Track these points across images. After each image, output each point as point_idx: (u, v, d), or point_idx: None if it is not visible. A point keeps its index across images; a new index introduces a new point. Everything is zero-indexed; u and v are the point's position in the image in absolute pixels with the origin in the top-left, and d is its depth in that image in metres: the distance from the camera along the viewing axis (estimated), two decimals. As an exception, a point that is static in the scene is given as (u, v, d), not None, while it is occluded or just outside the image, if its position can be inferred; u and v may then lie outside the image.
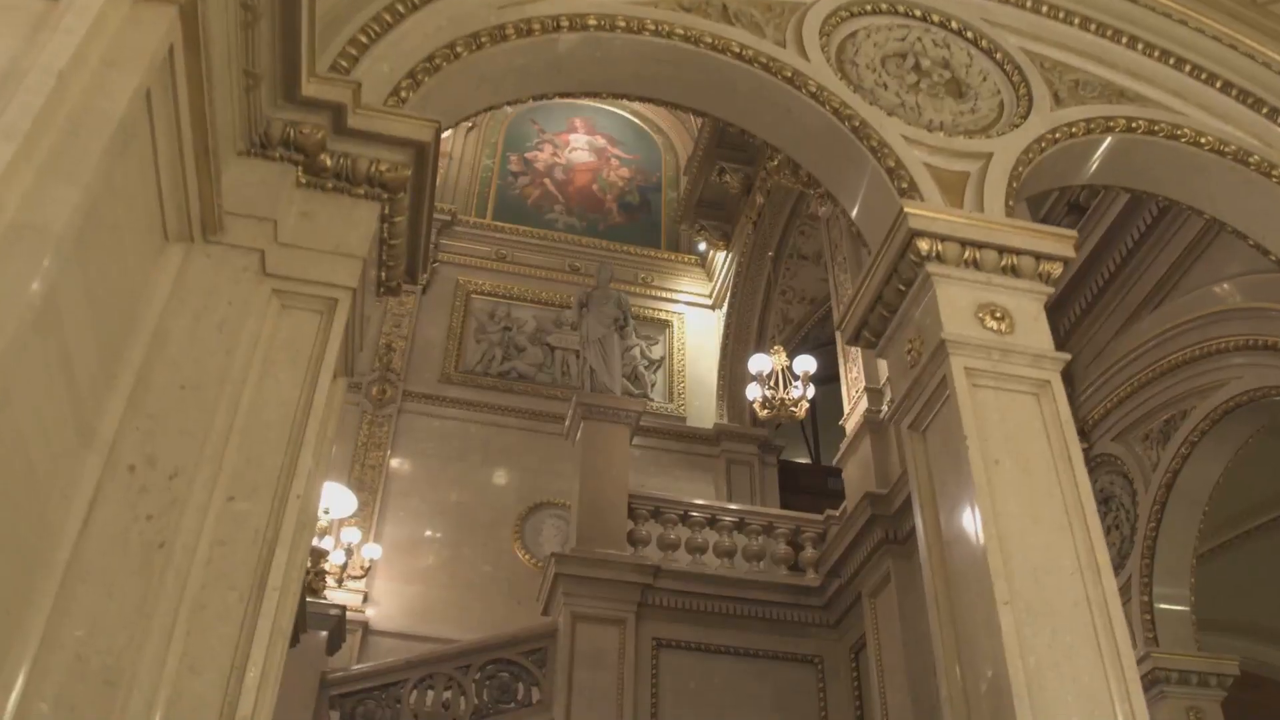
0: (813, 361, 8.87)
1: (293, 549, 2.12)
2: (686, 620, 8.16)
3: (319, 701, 7.30)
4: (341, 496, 8.22)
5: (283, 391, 2.27)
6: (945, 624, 2.46)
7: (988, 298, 2.84)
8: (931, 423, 2.77)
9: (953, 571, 2.51)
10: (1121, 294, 5.68)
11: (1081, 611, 2.34)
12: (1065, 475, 2.54)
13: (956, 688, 2.34)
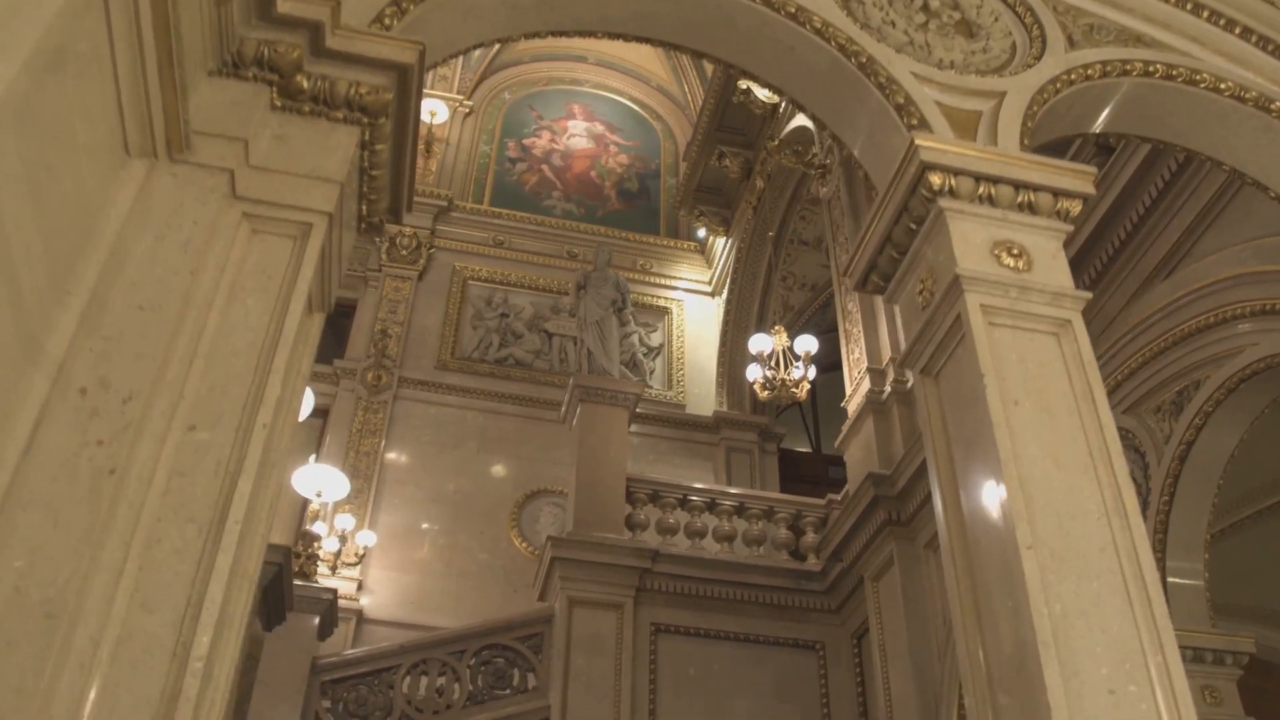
0: (814, 341, 8.72)
1: (258, 481, 1.96)
2: (685, 605, 8.01)
3: (310, 687, 7.14)
4: (334, 479, 8.06)
5: (251, 318, 2.12)
6: (962, 575, 2.30)
7: (1004, 235, 2.68)
8: (945, 365, 2.61)
9: (970, 519, 2.35)
10: (1132, 263, 5.52)
11: (1109, 557, 2.18)
12: (1089, 417, 2.38)
13: (974, 642, 2.18)
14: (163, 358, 1.96)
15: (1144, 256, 5.49)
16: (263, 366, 2.05)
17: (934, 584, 6.89)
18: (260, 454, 1.95)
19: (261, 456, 1.98)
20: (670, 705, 7.60)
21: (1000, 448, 2.26)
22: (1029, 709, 2.00)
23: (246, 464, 1.92)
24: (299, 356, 2.34)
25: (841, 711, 7.79)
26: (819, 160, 9.86)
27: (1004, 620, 2.13)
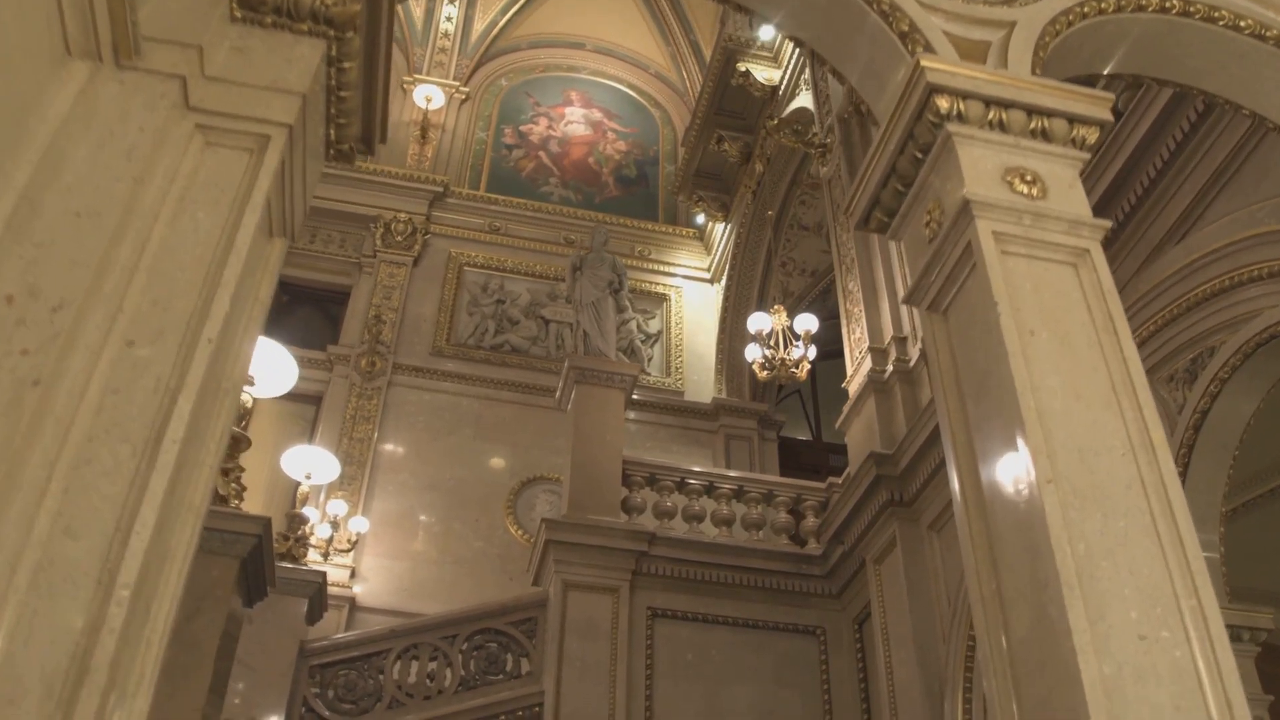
0: (814, 320, 8.55)
1: (203, 402, 1.78)
2: (683, 589, 7.83)
3: (298, 671, 6.97)
4: (324, 461, 7.88)
5: (201, 232, 1.94)
6: (974, 519, 2.12)
7: (1016, 161, 2.51)
8: (954, 299, 2.43)
9: (983, 458, 2.17)
10: (1143, 229, 5.34)
11: (1135, 495, 2.01)
12: (1111, 350, 2.21)
13: (988, 587, 2.01)
14: (100, 267, 1.79)
15: (1155, 222, 5.31)
16: (211, 280, 1.87)
17: (938, 566, 6.72)
18: (205, 371, 1.77)
19: (207, 374, 1.80)
20: (667, 691, 7.43)
21: (1016, 378, 2.09)
22: (1052, 656, 1.83)
23: (188, 381, 1.74)
24: (257, 281, 2.17)
25: (843, 698, 7.62)
26: (819, 140, 9.68)
27: (1022, 562, 1.96)
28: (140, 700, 1.66)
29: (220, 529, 4.45)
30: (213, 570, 4.41)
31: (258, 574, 4.66)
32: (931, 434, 6.74)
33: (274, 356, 5.28)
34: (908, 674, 6.59)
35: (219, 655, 4.37)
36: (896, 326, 7.85)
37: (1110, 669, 1.76)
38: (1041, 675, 1.85)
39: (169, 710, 4.08)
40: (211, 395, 1.92)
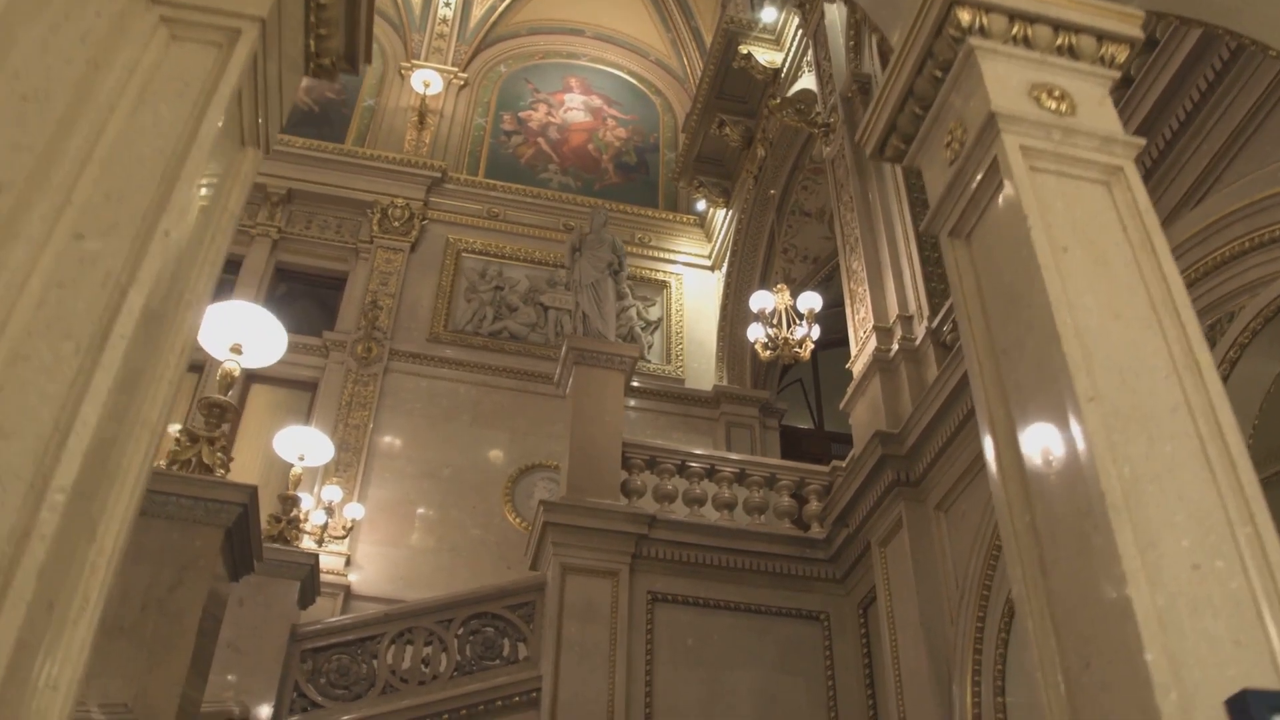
0: (817, 298, 8.38)
1: (157, 300, 1.61)
2: (684, 573, 7.66)
3: (289, 655, 6.80)
4: (317, 442, 7.71)
5: (162, 125, 1.77)
6: (1005, 448, 1.96)
7: (1043, 77, 2.34)
8: (979, 221, 2.26)
9: (1013, 384, 2.00)
10: (1158, 193, 5.18)
11: (1182, 418, 1.84)
12: (1150, 268, 2.04)
13: (1022, 521, 1.84)
14: (47, 153, 1.62)
15: (1171, 185, 5.16)
16: (170, 175, 1.70)
17: (945, 547, 6.56)
18: (161, 267, 1.60)
19: (164, 273, 1.63)
20: (668, 676, 7.26)
21: (1051, 292, 1.92)
22: (1097, 589, 1.65)
23: (141, 275, 1.57)
24: (225, 189, 2.00)
25: (847, 684, 7.45)
26: (822, 119, 9.51)
27: (1060, 489, 1.79)
28: (82, 629, 1.49)
29: (204, 497, 4.29)
30: (196, 540, 4.24)
31: (244, 546, 4.49)
32: (938, 412, 6.59)
33: (262, 325, 5.12)
34: (914, 658, 6.41)
35: (202, 631, 4.20)
36: (902, 306, 7.69)
37: (1163, 600, 1.59)
38: (1085, 610, 1.68)
39: (149, 683, 3.92)
40: (172, 304, 1.75)
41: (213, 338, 5.06)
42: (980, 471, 6.33)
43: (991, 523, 6.05)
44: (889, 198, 8.29)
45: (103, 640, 4.01)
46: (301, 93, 14.40)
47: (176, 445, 4.59)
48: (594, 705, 6.92)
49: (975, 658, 5.94)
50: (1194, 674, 1.54)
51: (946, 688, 6.12)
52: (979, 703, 5.83)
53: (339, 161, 13.17)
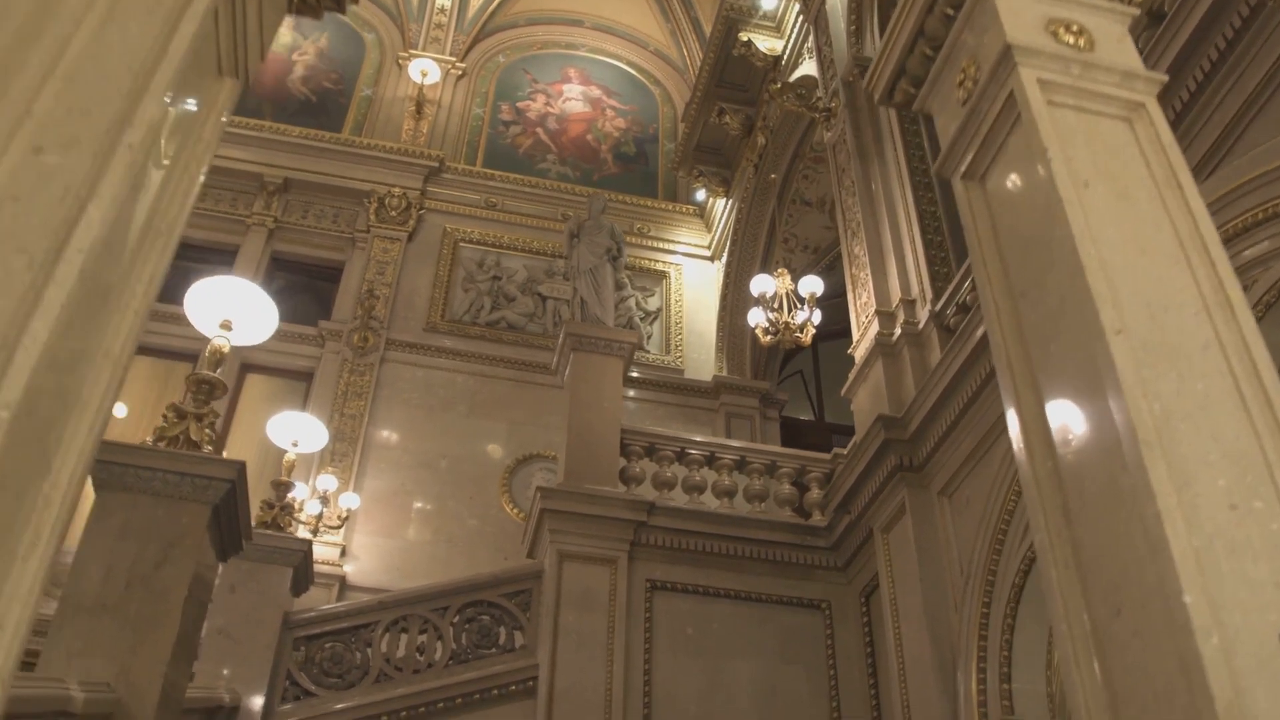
0: (819, 282, 8.28)
1: (117, 214, 1.50)
2: (683, 561, 7.55)
3: (281, 643, 6.68)
4: (310, 427, 7.58)
5: (130, 41, 1.66)
6: (1023, 392, 1.85)
7: (1059, 13, 2.22)
8: (994, 162, 2.15)
9: (1031, 327, 1.90)
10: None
11: (1214, 355, 1.73)
12: (1175, 204, 1.93)
13: (1045, 468, 1.73)
14: (6, 65, 1.50)
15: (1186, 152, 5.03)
16: (137, 90, 1.59)
17: (949, 533, 6.45)
18: (123, 182, 1.49)
19: (129, 191, 1.52)
20: (667, 665, 7.15)
21: (1073, 224, 1.81)
22: (1127, 531, 1.55)
23: (102, 189, 1.46)
24: (201, 117, 1.90)
25: (849, 673, 7.34)
26: (823, 104, 9.40)
27: (1085, 430, 1.68)
28: (33, 566, 1.38)
29: (190, 473, 4.18)
30: (182, 517, 4.13)
31: (232, 524, 4.38)
32: (942, 395, 6.48)
33: (253, 301, 5.00)
34: (918, 645, 6.30)
35: (188, 612, 4.08)
36: (905, 290, 7.57)
37: (1200, 541, 1.48)
38: (1114, 555, 1.57)
39: (132, 663, 3.81)
40: (140, 230, 1.64)
41: (202, 314, 4.95)
42: (985, 456, 6.23)
43: (997, 507, 5.95)
44: (891, 181, 8.18)
45: (85, 619, 3.92)
46: (298, 82, 14.29)
47: (164, 421, 4.48)
48: (591, 694, 6.81)
49: (980, 644, 5.83)
50: (1234, 618, 1.43)
51: (951, 675, 6.01)
52: (984, 690, 5.72)
53: (336, 151, 13.06)
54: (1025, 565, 5.67)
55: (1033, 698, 5.57)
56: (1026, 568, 5.67)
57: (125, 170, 1.49)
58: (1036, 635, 5.68)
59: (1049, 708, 5.59)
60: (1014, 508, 5.79)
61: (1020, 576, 5.69)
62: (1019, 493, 5.80)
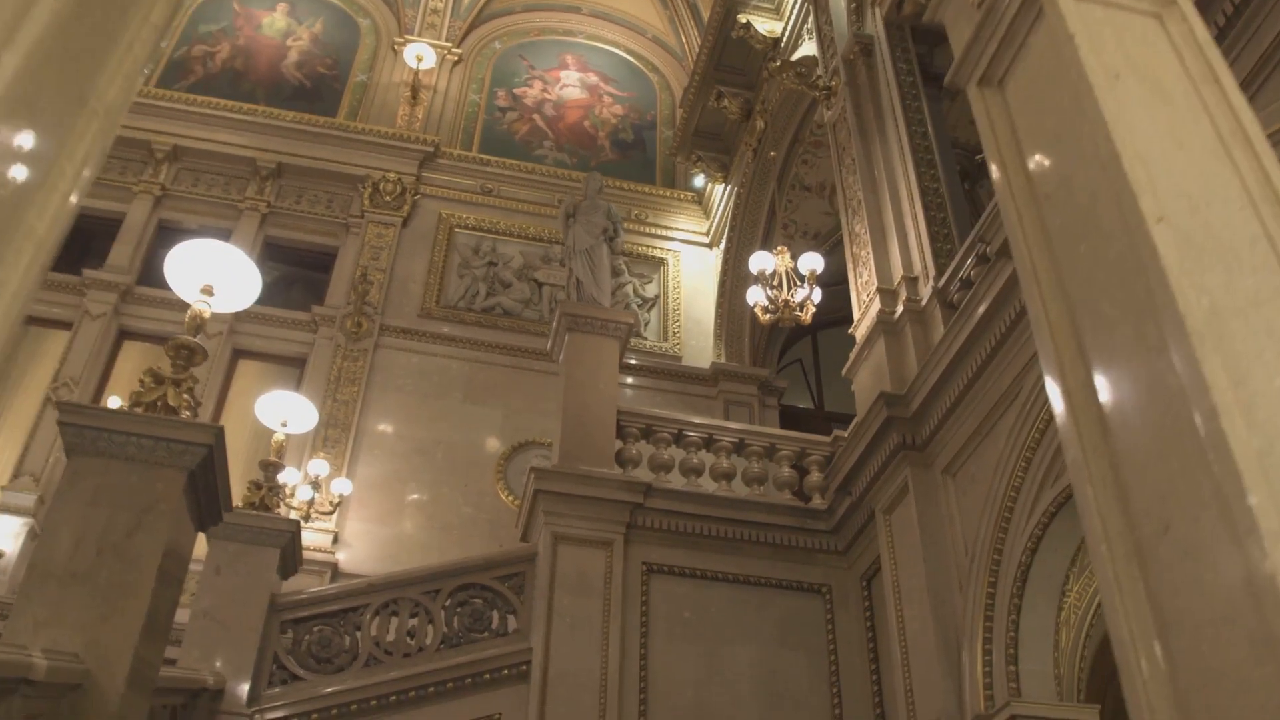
0: (819, 259, 8.09)
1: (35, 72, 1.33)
2: (680, 544, 7.37)
3: (269, 625, 6.51)
4: (299, 407, 7.41)
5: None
6: (1050, 298, 1.68)
7: (1084, -94, 2.05)
8: (1013, 64, 1.98)
9: (1058, 224, 1.73)
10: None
11: (1263, 251, 1.56)
12: (1214, 100, 1.76)
13: (1076, 380, 1.56)
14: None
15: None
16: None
17: (953, 512, 6.28)
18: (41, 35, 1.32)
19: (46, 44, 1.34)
20: (663, 649, 6.97)
21: (1105, 110, 1.64)
22: (1178, 433, 1.38)
23: (19, 39, 1.29)
24: None
25: (850, 659, 7.16)
26: (823, 83, 9.23)
27: (1124, 327, 1.51)
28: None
29: (165, 437, 4.00)
30: (156, 483, 3.95)
31: (210, 492, 4.20)
32: (946, 371, 6.31)
33: (235, 266, 4.82)
34: (921, 627, 6.13)
35: (162, 584, 3.90)
36: (907, 267, 7.40)
37: (1260, 442, 1.31)
38: (1161, 464, 1.40)
39: (102, 633, 3.63)
40: (73, 105, 1.47)
41: (182, 279, 4.77)
42: (990, 432, 6.06)
43: (1003, 484, 5.78)
44: (893, 158, 8.01)
45: (54, 588, 3.73)
46: (292, 68, 14.11)
47: (140, 387, 4.30)
48: (586, 679, 6.64)
49: (986, 625, 5.66)
50: (1300, 527, 1.26)
51: (955, 657, 5.84)
52: (990, 671, 5.55)
53: (330, 135, 12.89)
54: (1032, 543, 5.50)
55: (1040, 679, 5.40)
56: (1034, 546, 5.51)
57: (45, 26, 1.32)
58: (1045, 614, 5.52)
59: (1057, 689, 5.42)
60: (1020, 484, 5.63)
61: (1027, 555, 5.52)
62: (1025, 468, 5.64)
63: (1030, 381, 5.66)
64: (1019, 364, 5.78)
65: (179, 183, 12.33)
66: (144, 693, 3.85)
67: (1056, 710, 5.30)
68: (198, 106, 12.80)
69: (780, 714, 6.91)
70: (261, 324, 11.46)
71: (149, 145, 12.39)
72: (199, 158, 12.54)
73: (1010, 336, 5.85)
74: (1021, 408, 5.68)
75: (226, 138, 12.62)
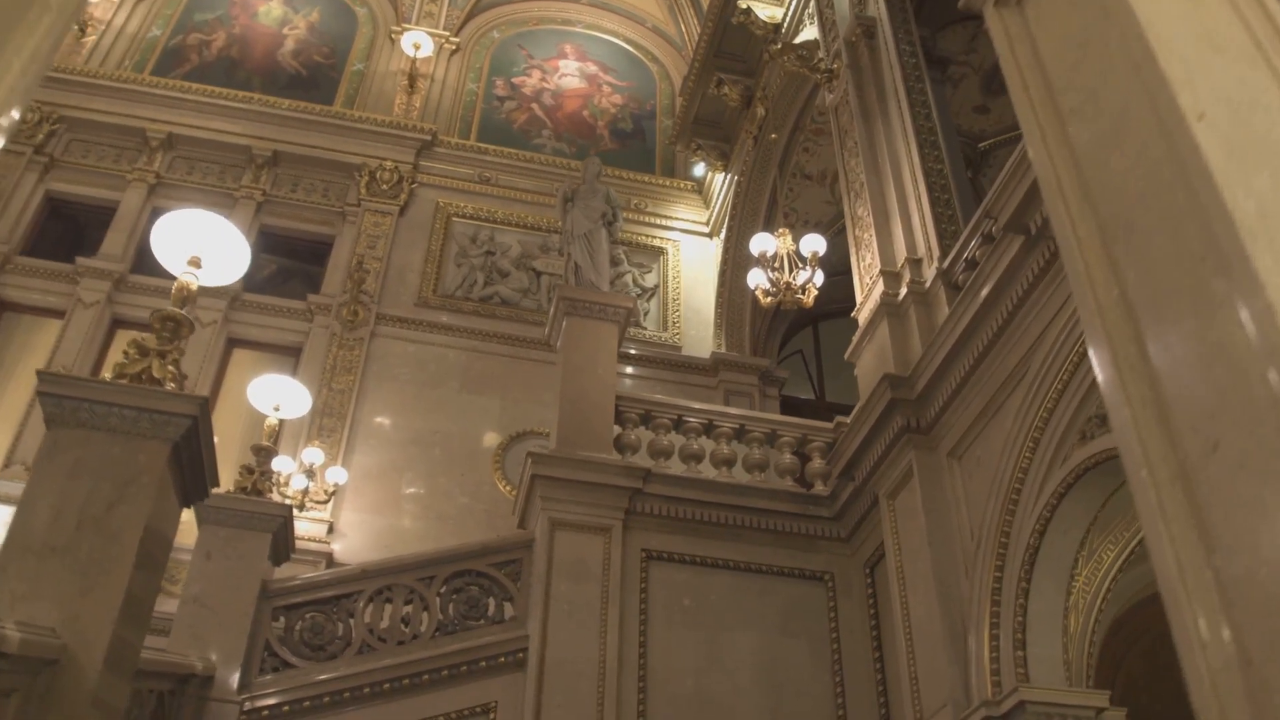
0: (821, 241, 7.96)
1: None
2: (680, 530, 7.25)
3: (260, 612, 6.38)
4: (292, 391, 7.28)
5: None
6: (1079, 218, 1.56)
7: None
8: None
9: (1088, 136, 1.60)
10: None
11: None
12: (1251, 9, 1.62)
13: (1108, 294, 1.45)
14: None
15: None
16: None
17: (959, 495, 6.14)
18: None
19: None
20: (663, 637, 6.84)
21: (1138, 13, 1.51)
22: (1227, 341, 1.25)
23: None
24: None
25: (853, 647, 7.03)
26: (825, 65, 9.10)
27: (1163, 235, 1.38)
28: None
29: (148, 408, 3.87)
30: (139, 455, 3.82)
31: (195, 465, 4.07)
32: (951, 351, 6.18)
33: (224, 238, 4.70)
34: (926, 613, 6.00)
35: (144, 561, 3.77)
36: (910, 249, 7.27)
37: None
38: (1208, 376, 1.28)
39: (81, 608, 3.50)
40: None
41: (169, 250, 4.65)
42: (997, 413, 5.93)
43: (1010, 465, 5.65)
44: (896, 140, 7.88)
45: (32, 561, 3.60)
46: (289, 56, 13.99)
47: (124, 358, 4.17)
48: (584, 667, 6.51)
49: (993, 610, 5.53)
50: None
51: (961, 643, 5.71)
52: (997, 656, 5.42)
53: (326, 123, 12.76)
54: (1040, 525, 5.37)
55: (1049, 664, 5.27)
56: (1042, 528, 5.38)
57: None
58: (1053, 598, 5.39)
59: (1066, 675, 5.30)
60: (1028, 465, 5.50)
61: (1035, 537, 5.39)
62: (1034, 449, 5.51)
63: (1038, 360, 5.54)
64: (1026, 343, 5.65)
65: (173, 171, 12.20)
66: (124, 675, 3.72)
67: (1066, 695, 5.17)
68: (192, 94, 12.68)
69: (782, 703, 6.79)
70: (256, 312, 11.34)
71: (143, 133, 12.27)
72: (194, 145, 12.42)
73: (1017, 315, 5.72)
74: (1029, 387, 5.55)
75: (222, 125, 12.49)
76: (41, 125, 12.05)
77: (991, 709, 5.23)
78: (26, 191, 11.69)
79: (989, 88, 11.17)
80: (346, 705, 6.25)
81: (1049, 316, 5.46)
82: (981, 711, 5.27)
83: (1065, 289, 5.34)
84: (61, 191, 11.97)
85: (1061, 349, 5.32)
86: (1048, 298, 5.49)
